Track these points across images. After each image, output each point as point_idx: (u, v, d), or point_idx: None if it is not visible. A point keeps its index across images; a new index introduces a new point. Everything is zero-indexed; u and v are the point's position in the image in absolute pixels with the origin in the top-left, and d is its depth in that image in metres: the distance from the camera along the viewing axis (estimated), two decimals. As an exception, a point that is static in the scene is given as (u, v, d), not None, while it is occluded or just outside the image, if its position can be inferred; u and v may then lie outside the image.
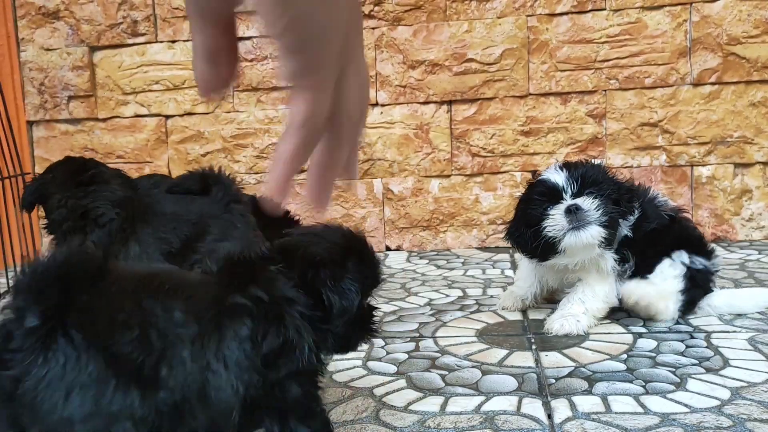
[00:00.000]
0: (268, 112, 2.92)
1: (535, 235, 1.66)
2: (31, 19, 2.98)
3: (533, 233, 1.66)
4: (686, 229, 1.80)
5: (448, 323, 1.82)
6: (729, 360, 1.44)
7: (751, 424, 1.14)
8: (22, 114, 3.02)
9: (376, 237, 2.91)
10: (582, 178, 1.65)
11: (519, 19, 2.75)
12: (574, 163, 1.74)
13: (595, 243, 1.62)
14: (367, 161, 2.89)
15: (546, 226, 1.63)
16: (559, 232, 1.62)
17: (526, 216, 1.70)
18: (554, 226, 1.62)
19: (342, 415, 1.26)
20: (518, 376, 1.41)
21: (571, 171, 1.67)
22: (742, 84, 2.67)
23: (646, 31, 2.68)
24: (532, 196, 1.70)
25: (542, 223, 1.64)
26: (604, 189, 1.64)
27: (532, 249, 1.70)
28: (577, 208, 1.60)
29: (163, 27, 2.92)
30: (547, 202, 1.65)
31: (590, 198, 1.62)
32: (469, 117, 2.83)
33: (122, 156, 3.01)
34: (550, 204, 1.65)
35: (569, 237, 1.61)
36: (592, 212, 1.60)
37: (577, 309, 1.68)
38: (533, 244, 1.67)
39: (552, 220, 1.63)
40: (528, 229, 1.68)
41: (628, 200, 1.69)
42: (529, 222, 1.68)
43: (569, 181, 1.65)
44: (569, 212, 1.61)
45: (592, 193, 1.63)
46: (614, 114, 2.75)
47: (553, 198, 1.65)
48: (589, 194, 1.63)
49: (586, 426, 1.17)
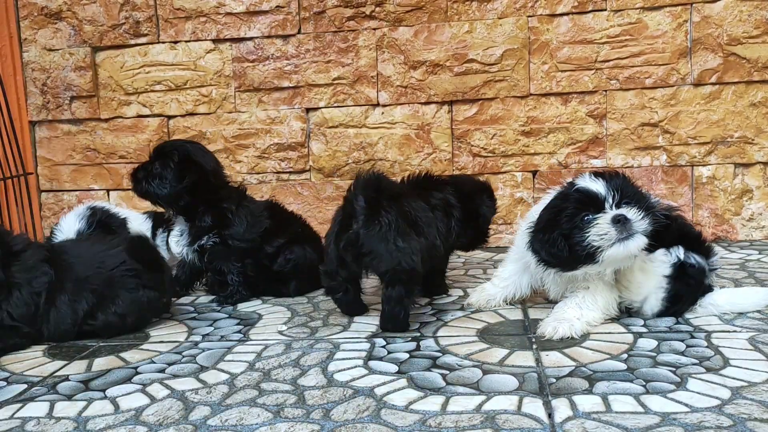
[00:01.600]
0: (269, 112, 2.93)
1: (570, 243, 1.62)
2: (34, 19, 2.99)
3: (568, 241, 1.62)
4: (683, 227, 1.81)
5: (449, 323, 1.82)
6: (729, 360, 1.45)
7: (751, 424, 1.15)
8: (25, 114, 3.03)
9: (378, 237, 2.91)
10: (621, 188, 1.62)
11: (520, 20, 2.75)
12: (608, 174, 1.70)
13: (638, 254, 1.61)
14: (368, 161, 2.89)
15: (591, 235, 1.59)
16: (606, 242, 1.58)
17: (560, 224, 1.64)
18: (602, 236, 1.58)
19: (343, 414, 1.27)
20: (519, 375, 1.42)
21: (609, 181, 1.64)
22: (742, 84, 2.67)
23: (647, 31, 2.69)
24: (568, 204, 1.64)
25: (584, 232, 1.59)
26: (640, 200, 1.63)
27: (565, 258, 1.64)
28: (626, 218, 1.58)
29: (165, 27, 2.93)
30: (587, 211, 1.61)
31: (634, 208, 1.60)
32: (470, 117, 2.83)
33: (124, 156, 3.01)
34: (590, 213, 1.61)
35: (616, 247, 1.58)
36: (638, 222, 1.59)
37: (573, 314, 1.68)
38: (567, 253, 1.63)
39: (599, 229, 1.59)
40: (562, 237, 1.63)
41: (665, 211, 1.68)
42: (565, 230, 1.63)
43: (609, 190, 1.61)
44: (617, 222, 1.58)
45: (630, 203, 1.61)
46: (615, 114, 2.75)
47: (593, 207, 1.61)
48: (627, 204, 1.61)
49: (586, 425, 1.17)
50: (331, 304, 2.07)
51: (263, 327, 1.88)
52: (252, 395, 1.38)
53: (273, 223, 2.21)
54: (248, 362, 1.58)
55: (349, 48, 2.84)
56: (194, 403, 1.36)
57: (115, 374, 1.56)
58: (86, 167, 3.05)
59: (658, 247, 1.74)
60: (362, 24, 2.83)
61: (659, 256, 1.74)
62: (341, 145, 2.90)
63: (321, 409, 1.29)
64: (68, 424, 1.29)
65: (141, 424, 1.27)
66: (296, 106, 2.91)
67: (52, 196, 3.09)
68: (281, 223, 2.25)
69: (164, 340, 1.80)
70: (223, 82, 2.93)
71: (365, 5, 2.81)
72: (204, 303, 2.20)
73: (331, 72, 2.86)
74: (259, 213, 2.21)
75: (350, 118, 2.88)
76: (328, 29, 2.85)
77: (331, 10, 2.83)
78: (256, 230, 2.17)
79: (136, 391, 1.44)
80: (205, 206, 2.13)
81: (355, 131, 2.89)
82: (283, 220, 2.28)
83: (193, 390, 1.43)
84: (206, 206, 2.13)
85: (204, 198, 2.12)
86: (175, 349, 1.73)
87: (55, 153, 3.05)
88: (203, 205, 2.12)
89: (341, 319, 1.91)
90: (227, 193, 2.18)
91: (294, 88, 2.90)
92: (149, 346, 1.77)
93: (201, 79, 2.93)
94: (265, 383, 1.44)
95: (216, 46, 2.91)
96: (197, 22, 2.90)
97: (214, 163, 2.17)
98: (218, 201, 2.14)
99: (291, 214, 2.35)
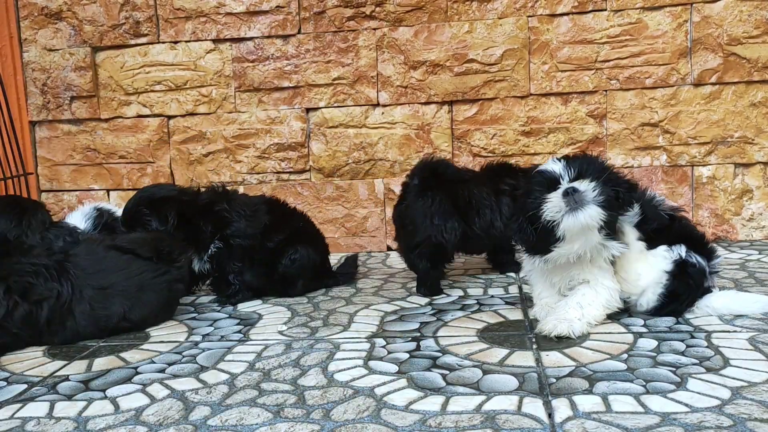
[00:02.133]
0: (269, 112, 2.93)
1: (533, 222, 1.65)
2: (34, 19, 2.99)
3: (533, 225, 1.65)
4: (687, 227, 1.82)
5: (449, 323, 1.82)
6: (729, 360, 1.45)
7: (751, 424, 1.15)
8: (25, 114, 3.03)
9: (378, 237, 2.92)
10: (579, 167, 1.64)
11: (520, 20, 2.75)
12: (572, 156, 1.74)
13: (594, 224, 1.61)
14: (368, 161, 2.89)
15: (545, 211, 1.61)
16: (557, 215, 1.60)
17: (525, 207, 1.69)
18: (552, 209, 1.61)
19: (343, 414, 1.27)
20: (519, 375, 1.42)
21: (568, 161, 1.67)
22: (742, 84, 2.67)
23: (647, 31, 2.69)
24: (531, 187, 1.70)
25: (541, 210, 1.62)
26: (595, 175, 1.63)
27: (534, 241, 1.68)
28: (574, 190, 1.60)
29: (165, 27, 2.93)
30: (545, 190, 1.64)
31: (586, 181, 1.61)
32: (470, 117, 2.83)
33: (124, 156, 3.01)
34: (548, 192, 1.64)
35: (567, 219, 1.60)
36: (589, 193, 1.59)
37: (573, 314, 1.67)
38: (535, 237, 1.66)
39: (549, 203, 1.61)
40: (527, 221, 1.67)
41: (627, 189, 1.68)
42: (528, 211, 1.67)
43: (567, 169, 1.64)
44: (566, 195, 1.60)
45: (587, 177, 1.62)
46: (615, 114, 2.75)
47: (551, 186, 1.64)
48: (581, 179, 1.62)
49: (586, 425, 1.17)
50: (331, 304, 2.08)
51: (263, 327, 1.88)
52: (252, 395, 1.38)
53: (273, 218, 2.21)
54: (248, 362, 1.58)
55: (349, 48, 2.84)
56: (194, 403, 1.36)
57: (115, 374, 1.56)
58: (86, 167, 3.05)
59: (660, 243, 1.74)
60: (362, 24, 2.83)
61: (661, 252, 1.74)
62: (341, 145, 2.90)
63: (321, 409, 1.29)
64: (68, 424, 1.29)
65: (141, 424, 1.27)
66: (296, 106, 2.91)
67: (52, 196, 3.09)
68: (281, 218, 2.25)
69: (164, 340, 1.80)
70: (223, 82, 2.93)
71: (365, 5, 2.81)
72: (204, 303, 2.20)
73: (331, 72, 2.86)
74: (254, 206, 2.21)
75: (350, 118, 2.88)
76: (328, 29, 2.85)
77: (331, 10, 2.83)
78: (256, 225, 2.17)
79: (136, 391, 1.44)
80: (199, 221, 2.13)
81: (355, 131, 2.89)
82: (283, 215, 2.28)
83: (193, 390, 1.43)
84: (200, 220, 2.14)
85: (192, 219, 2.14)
86: (175, 349, 1.73)
87: (55, 153, 3.05)
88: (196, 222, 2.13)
89: (341, 319, 1.91)
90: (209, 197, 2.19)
91: (294, 88, 2.90)
92: (149, 346, 1.77)
93: (201, 79, 2.93)
94: (265, 383, 1.44)
95: (216, 46, 2.91)
96: (197, 22, 2.90)
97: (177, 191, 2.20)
98: (207, 210, 2.15)
99: (292, 209, 2.35)
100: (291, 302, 2.13)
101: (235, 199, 2.21)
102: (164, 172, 2.99)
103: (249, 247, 2.16)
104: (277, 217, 2.23)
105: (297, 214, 2.34)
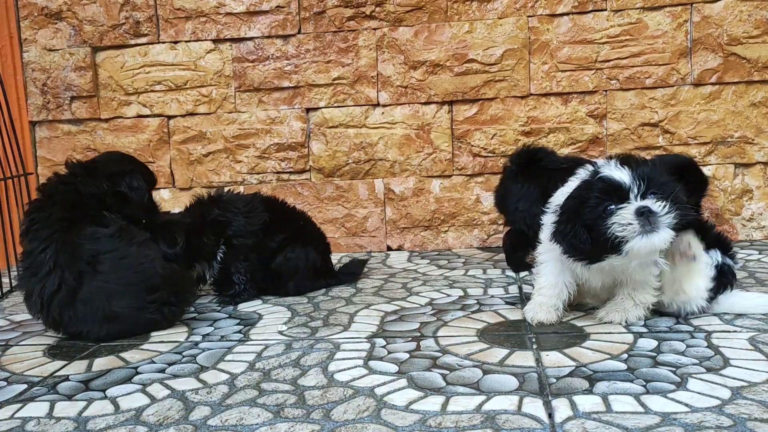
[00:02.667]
0: (269, 112, 2.93)
1: (593, 235, 1.57)
2: (34, 19, 2.99)
3: (591, 233, 1.57)
4: (712, 229, 1.82)
5: (449, 323, 1.82)
6: (729, 360, 1.45)
7: (751, 424, 1.15)
8: (25, 114, 3.03)
9: (378, 237, 2.92)
10: (648, 178, 1.56)
11: (520, 20, 2.75)
12: (632, 159, 1.63)
13: (664, 248, 1.57)
14: (368, 161, 2.90)
15: (614, 225, 1.54)
16: (629, 234, 1.53)
17: (582, 214, 1.58)
18: (625, 227, 1.53)
19: (343, 414, 1.27)
20: (519, 375, 1.42)
21: (634, 169, 1.56)
22: (742, 84, 2.67)
23: (647, 31, 2.69)
24: (591, 193, 1.58)
25: (606, 222, 1.55)
26: (666, 191, 1.56)
27: (588, 250, 1.60)
28: (650, 211, 1.52)
29: (165, 27, 2.93)
30: (611, 201, 1.56)
31: (659, 201, 1.54)
32: (470, 117, 2.83)
33: (124, 156, 3.01)
34: (613, 203, 1.56)
35: (639, 240, 1.53)
36: (663, 216, 1.53)
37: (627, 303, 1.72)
38: (590, 245, 1.58)
39: (622, 220, 1.53)
40: (584, 228, 1.58)
41: (695, 203, 1.67)
42: (587, 219, 1.58)
43: (634, 179, 1.55)
44: (640, 214, 1.53)
45: (657, 194, 1.55)
46: (615, 114, 2.75)
47: (617, 197, 1.56)
48: (653, 195, 1.55)
49: (586, 425, 1.17)
50: (331, 304, 2.08)
51: (263, 327, 1.88)
52: (252, 395, 1.38)
53: (273, 217, 2.21)
54: (248, 362, 1.58)
55: (349, 48, 2.84)
56: (194, 403, 1.36)
57: (115, 374, 1.56)
58: (86, 167, 3.05)
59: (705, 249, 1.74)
60: (362, 24, 2.83)
61: (705, 258, 1.73)
62: (341, 145, 2.90)
63: (321, 409, 1.29)
64: (68, 424, 1.29)
65: (141, 424, 1.27)
66: (296, 106, 2.91)
67: (52, 196, 3.09)
68: (282, 217, 2.25)
69: (164, 340, 1.80)
70: (223, 82, 2.93)
71: (365, 5, 2.81)
72: (204, 303, 2.20)
73: (331, 72, 2.86)
74: (248, 202, 2.21)
75: (350, 118, 2.88)
76: (328, 29, 2.85)
77: (331, 10, 2.83)
78: (255, 221, 2.17)
79: (137, 391, 1.44)
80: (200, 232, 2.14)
81: (355, 131, 2.89)
82: (284, 213, 2.28)
83: (194, 390, 1.43)
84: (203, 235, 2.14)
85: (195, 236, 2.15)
86: (175, 349, 1.73)
87: (56, 153, 3.05)
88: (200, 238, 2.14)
89: (341, 319, 1.91)
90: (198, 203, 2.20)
91: (294, 88, 2.90)
92: (149, 346, 1.77)
93: (201, 79, 2.93)
94: (266, 383, 1.44)
95: (216, 46, 2.91)
96: (197, 22, 2.90)
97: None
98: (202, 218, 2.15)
99: (291, 208, 2.35)
100: (291, 302, 2.13)
101: (226, 201, 2.21)
102: (164, 172, 2.99)
103: (252, 246, 2.16)
104: (277, 216, 2.23)
105: (297, 212, 2.34)
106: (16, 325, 2.05)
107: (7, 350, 1.80)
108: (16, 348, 1.82)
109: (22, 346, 1.83)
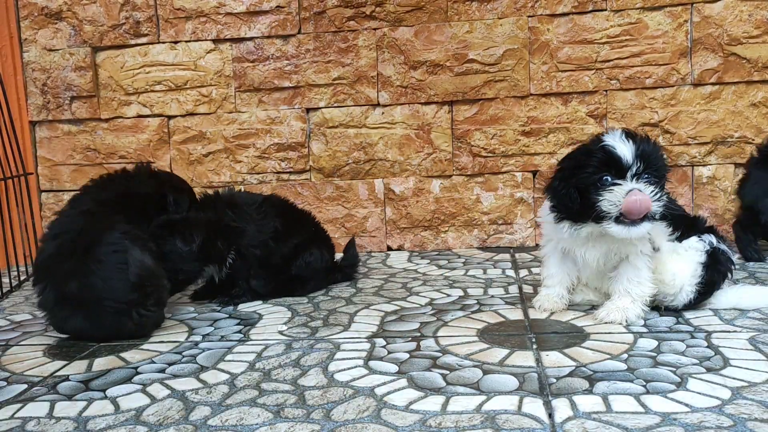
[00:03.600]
0: (269, 112, 2.93)
1: (583, 199, 1.60)
2: (34, 19, 2.99)
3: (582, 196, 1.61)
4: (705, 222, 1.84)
5: (450, 323, 1.82)
6: (729, 360, 1.45)
7: (751, 424, 1.15)
8: (25, 114, 3.03)
9: (378, 237, 2.92)
10: (647, 157, 1.58)
11: (520, 20, 2.75)
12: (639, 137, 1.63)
13: (645, 238, 1.61)
14: (368, 161, 2.89)
15: (603, 201, 1.57)
16: (614, 211, 1.57)
17: (578, 179, 1.62)
18: (613, 204, 1.56)
19: (343, 414, 1.27)
20: (519, 375, 1.42)
21: (638, 145, 1.58)
22: (742, 84, 2.67)
23: (647, 31, 2.69)
24: (590, 161, 1.60)
25: (599, 192, 1.57)
26: (660, 173, 1.60)
27: (575, 211, 1.64)
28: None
29: (165, 27, 2.93)
30: (608, 173, 1.58)
31: (651, 185, 1.57)
32: (470, 117, 2.83)
33: (125, 156, 3.01)
34: (610, 176, 1.58)
35: (619, 227, 1.58)
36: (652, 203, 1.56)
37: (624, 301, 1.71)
38: (578, 206, 1.62)
39: (612, 198, 1.56)
40: (576, 190, 1.62)
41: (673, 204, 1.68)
42: (578, 185, 1.62)
43: (635, 158, 1.56)
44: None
45: (651, 175, 1.58)
46: (615, 114, 2.75)
47: (615, 170, 1.58)
48: (648, 176, 1.57)
49: (586, 425, 1.17)
50: (331, 304, 2.08)
51: (263, 327, 1.88)
52: (252, 395, 1.38)
53: (285, 222, 2.18)
54: (248, 362, 1.58)
55: (349, 48, 2.84)
56: (194, 403, 1.36)
57: (115, 374, 1.56)
58: (86, 167, 3.05)
59: (691, 235, 1.74)
60: (362, 24, 2.83)
61: (693, 244, 1.74)
62: (341, 145, 2.90)
63: (321, 409, 1.29)
64: (68, 424, 1.29)
65: (141, 424, 1.27)
66: (296, 106, 2.91)
67: (52, 196, 3.09)
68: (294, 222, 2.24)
69: (164, 340, 1.80)
70: (223, 82, 2.93)
71: (365, 5, 2.81)
72: (204, 303, 2.20)
73: (331, 72, 2.86)
74: (259, 205, 2.19)
75: (350, 118, 2.88)
76: (328, 29, 2.85)
77: (331, 10, 2.83)
78: (266, 231, 2.14)
79: (137, 391, 1.44)
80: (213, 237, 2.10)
81: (355, 131, 2.89)
82: (295, 217, 2.27)
83: (194, 390, 1.43)
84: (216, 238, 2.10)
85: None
86: (176, 349, 1.73)
87: (56, 153, 3.05)
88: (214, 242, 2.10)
89: (341, 319, 1.91)
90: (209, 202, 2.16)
91: (294, 88, 2.90)
92: (149, 346, 1.77)
93: (201, 79, 2.93)
94: (266, 383, 1.44)
95: (216, 46, 2.91)
96: (197, 22, 2.90)
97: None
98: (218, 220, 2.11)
99: (300, 210, 2.35)
100: (291, 302, 2.13)
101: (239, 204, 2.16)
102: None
103: (260, 257, 2.14)
104: (289, 220, 2.21)
105: (306, 214, 2.35)
106: (16, 325, 2.05)
107: (7, 350, 1.80)
108: (16, 348, 1.82)
109: (22, 346, 1.83)
